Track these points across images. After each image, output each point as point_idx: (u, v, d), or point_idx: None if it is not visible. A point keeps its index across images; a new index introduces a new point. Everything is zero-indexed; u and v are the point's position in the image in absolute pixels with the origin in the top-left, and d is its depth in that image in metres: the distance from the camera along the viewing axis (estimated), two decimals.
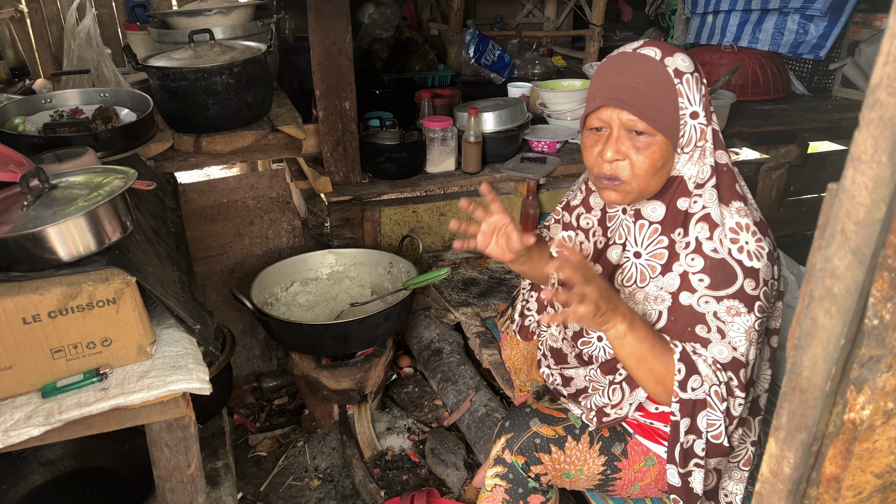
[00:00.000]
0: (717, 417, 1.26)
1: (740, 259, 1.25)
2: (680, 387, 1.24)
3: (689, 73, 1.27)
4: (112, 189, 1.30)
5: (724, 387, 1.24)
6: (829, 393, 0.58)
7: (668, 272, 1.33)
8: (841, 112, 3.37)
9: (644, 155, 1.27)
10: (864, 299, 0.53)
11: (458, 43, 4.06)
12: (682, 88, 1.26)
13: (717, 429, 1.27)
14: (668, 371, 1.25)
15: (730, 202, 1.30)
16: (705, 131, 1.30)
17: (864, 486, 0.61)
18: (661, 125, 1.25)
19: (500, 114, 2.63)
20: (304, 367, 2.30)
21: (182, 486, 1.37)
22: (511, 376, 1.98)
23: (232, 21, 2.62)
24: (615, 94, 1.26)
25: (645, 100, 1.24)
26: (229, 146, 2.32)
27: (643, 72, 1.26)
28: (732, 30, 3.66)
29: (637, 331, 1.22)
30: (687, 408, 1.25)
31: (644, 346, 1.23)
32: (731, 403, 1.26)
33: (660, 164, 1.28)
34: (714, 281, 1.26)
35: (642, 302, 1.36)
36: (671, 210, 1.34)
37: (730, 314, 1.25)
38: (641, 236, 1.39)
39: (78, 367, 1.24)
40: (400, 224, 2.63)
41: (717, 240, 1.27)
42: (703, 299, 1.27)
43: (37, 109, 2.06)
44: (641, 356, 1.24)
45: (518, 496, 1.44)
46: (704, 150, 1.31)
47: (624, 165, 1.29)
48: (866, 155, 0.51)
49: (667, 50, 1.28)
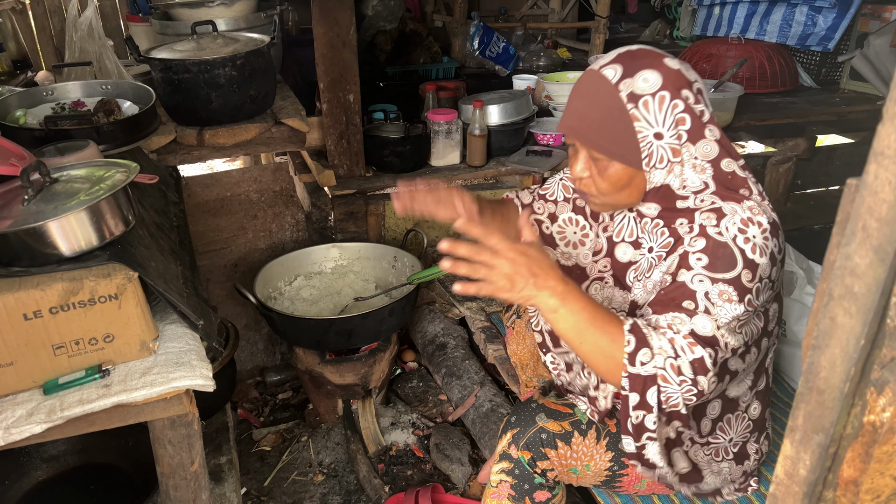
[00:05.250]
0: (673, 390, 1.17)
1: (743, 249, 1.21)
2: (629, 360, 1.16)
3: (650, 95, 1.23)
4: (114, 183, 1.29)
5: (688, 364, 1.16)
6: (848, 394, 0.56)
7: (671, 255, 1.31)
8: (849, 105, 3.33)
9: (603, 177, 1.31)
10: (886, 298, 0.52)
11: (462, 35, 4.03)
12: (639, 112, 1.24)
13: (674, 400, 1.18)
14: (614, 343, 1.17)
15: (741, 202, 1.26)
16: (679, 150, 1.27)
17: (882, 489, 0.59)
18: (613, 152, 1.26)
19: (506, 106, 2.61)
20: (308, 361, 2.29)
21: (185, 483, 1.36)
22: (517, 372, 1.97)
23: (235, 13, 2.60)
24: (570, 121, 1.30)
25: (595, 128, 1.26)
26: (232, 139, 2.30)
27: (595, 98, 1.27)
28: (740, 21, 3.62)
29: (572, 303, 1.16)
30: (636, 383, 1.17)
31: (582, 316, 1.17)
32: (700, 380, 1.17)
33: (621, 184, 1.30)
34: (712, 262, 1.22)
35: (652, 291, 1.35)
36: (667, 207, 1.34)
37: (721, 298, 1.19)
38: (647, 231, 1.38)
39: (80, 363, 1.23)
40: (404, 218, 2.62)
41: (724, 227, 1.24)
42: (698, 277, 1.22)
43: (38, 102, 2.04)
44: (580, 329, 1.17)
45: (524, 492, 1.43)
46: (686, 164, 1.28)
47: (589, 182, 1.34)
48: (890, 150, 0.49)
49: (629, 69, 1.24)
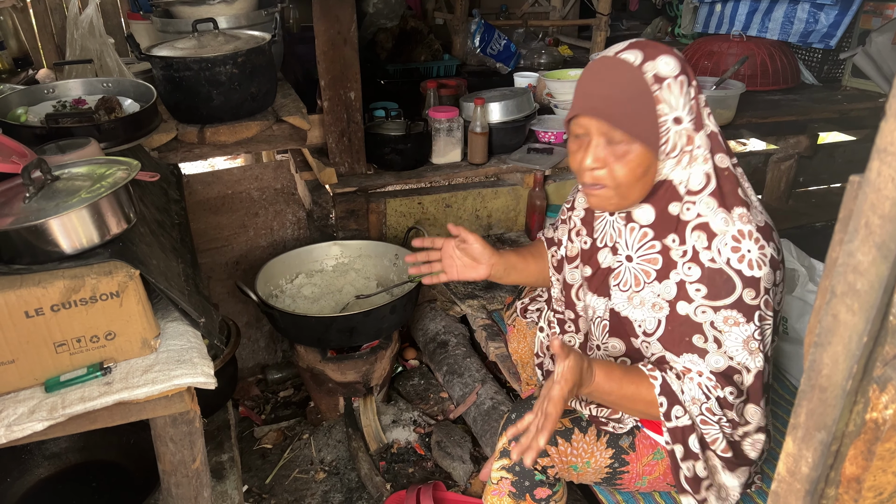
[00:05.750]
0: (715, 432, 1.29)
1: (739, 269, 1.23)
2: (665, 417, 1.28)
3: (672, 78, 1.23)
4: (115, 180, 1.29)
5: (716, 402, 1.27)
6: (850, 392, 0.56)
7: (664, 279, 1.32)
8: (851, 102, 3.33)
9: (622, 163, 1.26)
10: (889, 295, 0.52)
11: (463, 32, 4.03)
12: (662, 94, 1.23)
13: (720, 441, 1.30)
14: (649, 405, 1.29)
15: (732, 208, 1.26)
16: (693, 137, 1.27)
17: (885, 486, 0.59)
18: (637, 133, 1.23)
19: (507, 104, 2.61)
20: (310, 359, 2.29)
21: (187, 480, 1.36)
22: (518, 369, 1.97)
23: (236, 10, 2.60)
24: (590, 102, 1.26)
25: (619, 108, 1.23)
26: (233, 137, 2.30)
27: (618, 79, 1.24)
28: (741, 19, 3.62)
29: (599, 391, 1.26)
30: (677, 435, 1.29)
31: (612, 397, 1.28)
32: (728, 414, 1.28)
33: (640, 172, 1.26)
34: (711, 291, 1.25)
35: (639, 307, 1.36)
36: (661, 214, 1.32)
37: (727, 324, 1.25)
38: (633, 239, 1.37)
39: (81, 360, 1.23)
40: (405, 216, 2.61)
41: (716, 249, 1.25)
42: (700, 309, 1.26)
43: (39, 100, 2.04)
44: (613, 403, 1.31)
45: (524, 489, 1.43)
46: (694, 155, 1.28)
47: (604, 173, 1.28)
48: (893, 146, 0.49)
49: (650, 53, 1.24)
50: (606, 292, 1.43)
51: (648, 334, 1.35)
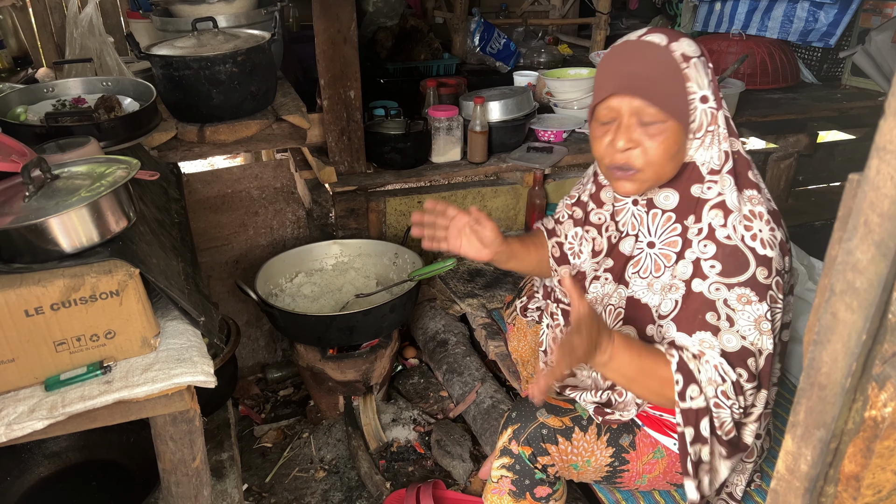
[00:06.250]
0: (726, 414, 1.25)
1: (753, 247, 1.24)
2: (679, 397, 1.25)
3: (696, 57, 1.26)
4: (115, 179, 1.29)
5: (731, 385, 1.23)
6: (849, 389, 0.56)
7: (681, 259, 1.32)
8: (850, 101, 3.33)
9: (657, 141, 1.25)
10: (888, 293, 0.52)
11: (463, 31, 4.02)
12: (690, 72, 1.25)
13: (728, 425, 1.27)
14: (664, 385, 1.25)
15: (743, 190, 1.29)
16: (716, 115, 1.29)
17: (884, 484, 0.59)
18: (672, 109, 1.24)
19: (507, 103, 2.61)
20: (310, 358, 2.29)
21: (187, 479, 1.36)
22: (518, 368, 1.97)
23: (235, 9, 2.60)
24: (623, 81, 1.25)
25: (653, 85, 1.23)
26: (233, 136, 2.30)
27: (650, 58, 1.25)
28: (741, 17, 3.62)
29: (619, 359, 1.22)
30: (689, 417, 1.25)
31: (631, 368, 1.24)
32: (740, 400, 1.25)
33: (674, 150, 1.27)
34: (726, 267, 1.25)
35: (659, 292, 1.35)
36: (685, 197, 1.33)
37: (740, 302, 1.24)
38: (655, 226, 1.37)
39: (81, 359, 1.23)
40: (405, 214, 2.61)
41: (731, 226, 1.26)
42: (714, 286, 1.26)
43: (39, 98, 2.04)
44: (629, 377, 1.26)
45: (525, 487, 1.43)
46: (717, 135, 1.29)
47: (637, 154, 1.27)
48: (892, 145, 0.49)
49: (672, 36, 1.26)
50: (623, 280, 1.43)
51: (663, 316, 1.33)
